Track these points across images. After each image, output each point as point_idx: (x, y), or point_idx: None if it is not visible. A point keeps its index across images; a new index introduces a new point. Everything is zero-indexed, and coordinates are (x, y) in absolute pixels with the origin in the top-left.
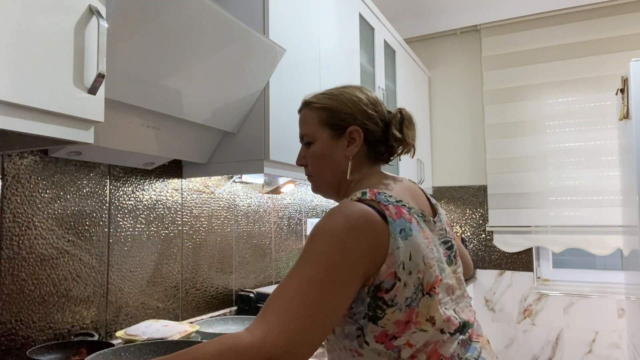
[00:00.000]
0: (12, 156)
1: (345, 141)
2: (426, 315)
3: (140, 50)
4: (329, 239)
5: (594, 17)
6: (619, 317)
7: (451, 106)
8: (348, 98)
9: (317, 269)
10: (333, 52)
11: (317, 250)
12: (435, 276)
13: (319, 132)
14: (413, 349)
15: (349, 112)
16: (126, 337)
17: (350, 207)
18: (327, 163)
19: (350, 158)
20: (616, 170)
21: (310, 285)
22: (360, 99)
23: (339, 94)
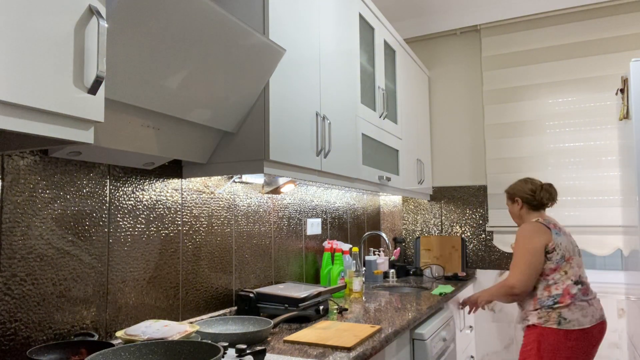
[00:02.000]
0: (12, 156)
1: (516, 204)
2: (564, 269)
3: (140, 50)
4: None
5: (594, 17)
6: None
7: (451, 106)
8: (515, 187)
9: (523, 248)
10: (333, 52)
11: (520, 241)
12: (570, 254)
13: (508, 203)
14: (556, 280)
15: (515, 193)
16: (126, 337)
17: (524, 225)
18: (512, 214)
19: (518, 211)
20: (616, 170)
21: (524, 254)
22: (522, 185)
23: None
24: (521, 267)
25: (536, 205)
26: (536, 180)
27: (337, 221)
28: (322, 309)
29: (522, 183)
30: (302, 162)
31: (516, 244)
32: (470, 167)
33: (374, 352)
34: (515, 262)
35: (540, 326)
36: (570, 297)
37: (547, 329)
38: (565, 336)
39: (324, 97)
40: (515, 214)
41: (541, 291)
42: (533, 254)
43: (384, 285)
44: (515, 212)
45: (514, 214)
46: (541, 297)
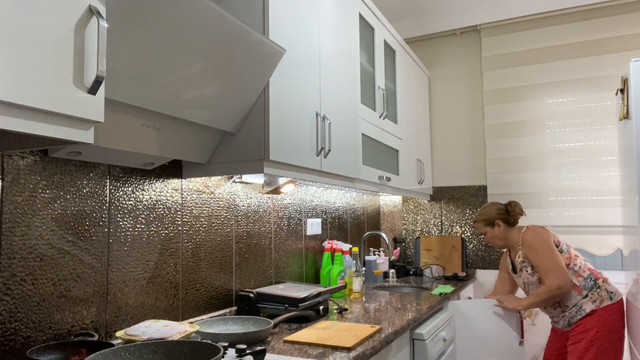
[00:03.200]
0: (12, 156)
1: (496, 227)
2: (573, 254)
3: (140, 50)
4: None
5: (594, 17)
6: None
7: (451, 106)
8: (488, 213)
9: (545, 250)
10: (333, 52)
11: (537, 247)
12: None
13: (485, 229)
14: (578, 265)
15: (492, 218)
16: (126, 337)
17: (529, 231)
18: (493, 239)
19: (500, 233)
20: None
21: (549, 256)
22: (492, 211)
23: (484, 212)
24: (557, 266)
25: (513, 222)
26: (497, 202)
27: (337, 221)
28: (322, 309)
29: (491, 207)
30: (302, 162)
31: (533, 251)
32: (470, 167)
33: (374, 352)
34: (547, 266)
35: (598, 308)
36: (598, 273)
37: (604, 309)
38: (619, 307)
39: (324, 97)
40: (499, 236)
41: (576, 279)
42: (555, 251)
43: (384, 285)
44: (498, 235)
45: (497, 237)
46: (580, 284)
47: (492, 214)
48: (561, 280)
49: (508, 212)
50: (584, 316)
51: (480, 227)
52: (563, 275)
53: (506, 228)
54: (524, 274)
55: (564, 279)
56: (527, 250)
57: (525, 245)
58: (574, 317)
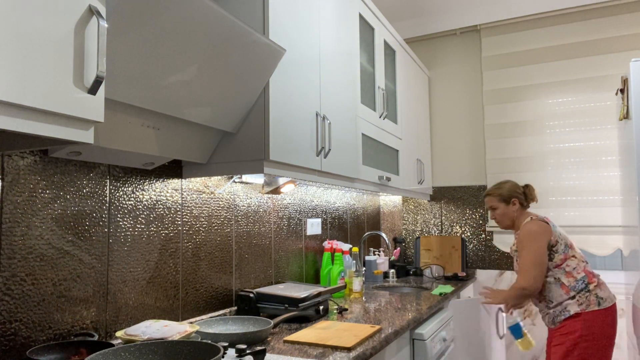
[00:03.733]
0: (12, 156)
1: (510, 205)
2: (572, 254)
3: (140, 50)
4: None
5: (594, 17)
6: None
7: (451, 106)
8: (507, 189)
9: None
10: (333, 52)
11: (526, 243)
12: (569, 240)
13: (498, 205)
14: (573, 266)
15: (509, 194)
16: (126, 337)
17: (529, 224)
18: (503, 217)
19: (514, 212)
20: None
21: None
22: (512, 188)
23: (503, 188)
24: (529, 267)
25: (526, 205)
26: (514, 181)
27: (337, 221)
28: (322, 309)
29: (510, 184)
30: (302, 162)
31: (521, 245)
32: (470, 167)
33: (374, 352)
34: (522, 263)
35: (584, 312)
36: (594, 276)
37: (590, 313)
38: (605, 314)
39: (324, 97)
40: (510, 215)
41: (566, 279)
42: (539, 253)
43: (384, 285)
44: (510, 214)
45: (507, 216)
46: (569, 284)
47: (511, 191)
48: (526, 281)
49: (525, 194)
50: (568, 317)
51: (493, 201)
52: (531, 278)
53: (519, 209)
54: (515, 262)
55: (531, 282)
56: (518, 242)
57: (518, 237)
58: (558, 316)
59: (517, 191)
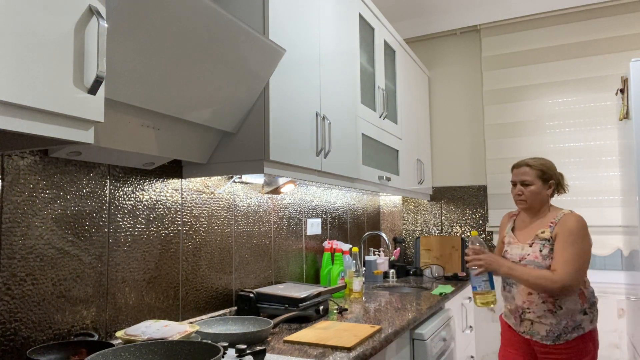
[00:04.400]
0: (12, 156)
1: (547, 186)
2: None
3: (140, 50)
4: (579, 232)
5: (594, 17)
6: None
7: (451, 106)
8: (550, 166)
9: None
10: (333, 52)
11: (575, 239)
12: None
13: (535, 182)
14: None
15: (551, 173)
16: (126, 337)
17: (578, 217)
18: (536, 197)
19: (548, 194)
20: (616, 170)
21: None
22: (554, 167)
23: (547, 162)
24: (579, 267)
25: (553, 194)
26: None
27: (337, 221)
28: (322, 309)
29: (553, 165)
30: (302, 162)
31: (571, 236)
32: (470, 167)
33: (374, 352)
34: (570, 258)
35: (594, 330)
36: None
37: (593, 331)
38: (596, 333)
39: (324, 97)
40: (542, 197)
41: (585, 288)
42: (589, 253)
43: (384, 285)
44: (542, 196)
45: (539, 197)
46: (587, 295)
47: (554, 172)
48: (571, 280)
49: (561, 182)
50: (580, 335)
51: (531, 176)
52: (573, 273)
53: (550, 194)
54: (535, 250)
55: (575, 281)
56: (565, 231)
57: (565, 226)
58: (567, 332)
59: (557, 175)
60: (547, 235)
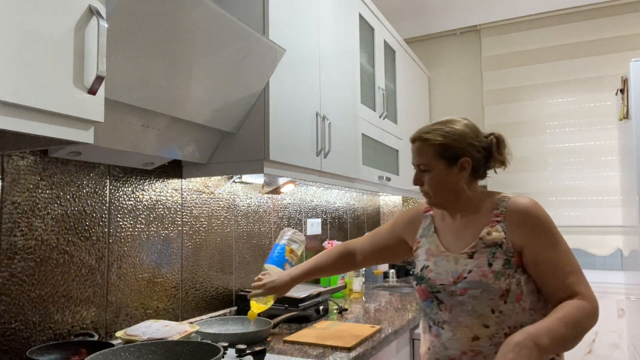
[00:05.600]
0: (12, 156)
1: (457, 169)
2: None
3: (140, 50)
4: (550, 219)
5: (594, 17)
6: (619, 317)
7: (451, 106)
8: (458, 133)
9: (564, 240)
10: (333, 52)
11: (555, 231)
12: None
13: (434, 164)
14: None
15: (460, 147)
16: (126, 337)
17: (531, 199)
18: (443, 187)
19: (462, 182)
20: (616, 170)
21: (571, 251)
22: (466, 133)
23: (450, 130)
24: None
25: (484, 171)
26: (469, 121)
27: (337, 221)
28: (322, 309)
29: (460, 127)
30: (302, 162)
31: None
32: None
33: (374, 352)
34: (573, 263)
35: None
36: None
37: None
38: None
39: (324, 97)
40: (450, 187)
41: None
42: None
43: (384, 285)
44: (451, 184)
45: (441, 186)
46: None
47: (468, 140)
48: (591, 293)
49: (489, 150)
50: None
51: (427, 155)
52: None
53: (470, 177)
54: (480, 263)
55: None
56: (533, 226)
57: (525, 217)
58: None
59: (472, 143)
60: (497, 238)
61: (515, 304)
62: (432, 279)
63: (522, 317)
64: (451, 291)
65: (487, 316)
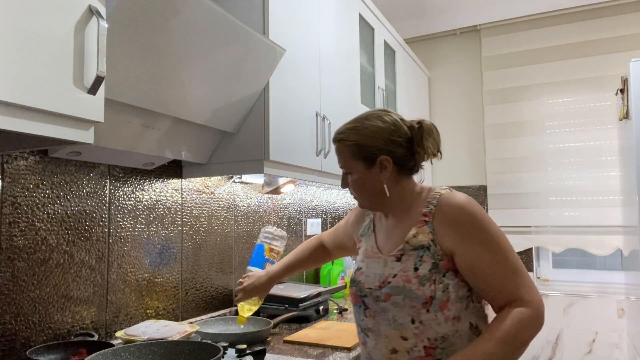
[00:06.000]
0: (12, 156)
1: (377, 169)
2: None
3: (140, 50)
4: (486, 218)
5: (594, 17)
6: (619, 317)
7: (451, 106)
8: (372, 130)
9: (504, 239)
10: (333, 52)
11: (492, 229)
12: None
13: (353, 165)
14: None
15: (375, 145)
16: (126, 337)
17: (466, 196)
18: (366, 189)
19: (385, 182)
20: (616, 170)
21: (512, 250)
22: (382, 128)
23: (363, 128)
24: (525, 272)
25: (414, 165)
26: (389, 112)
27: (337, 221)
28: (322, 309)
29: (380, 124)
30: (302, 162)
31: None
32: (470, 167)
33: None
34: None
35: None
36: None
37: None
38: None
39: (324, 97)
40: (378, 190)
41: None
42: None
43: None
44: (376, 186)
45: (367, 190)
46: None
47: (384, 137)
48: (540, 300)
49: (410, 141)
50: None
51: (345, 157)
52: (537, 292)
53: (397, 174)
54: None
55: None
56: (466, 227)
57: (458, 218)
58: None
59: (391, 139)
60: (424, 240)
61: (438, 312)
62: (362, 282)
63: (444, 327)
64: (376, 296)
65: (406, 327)
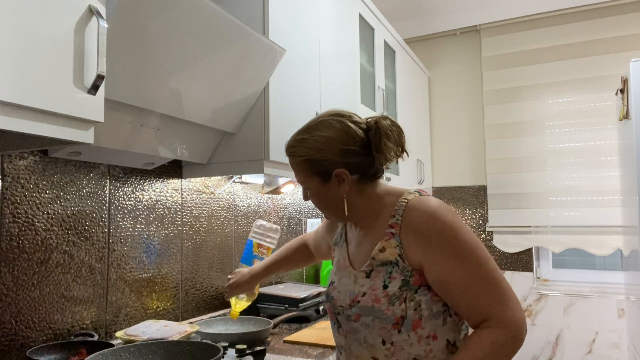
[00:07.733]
0: (12, 156)
1: (335, 183)
2: None
3: (140, 50)
4: (458, 225)
5: (594, 17)
6: (618, 317)
7: (451, 106)
8: (322, 142)
9: (479, 249)
10: (333, 52)
11: (464, 237)
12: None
13: (309, 181)
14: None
15: (328, 158)
16: (126, 337)
17: (436, 201)
18: (326, 203)
19: (344, 195)
20: (616, 170)
21: (489, 261)
22: (332, 139)
23: (312, 141)
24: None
25: (374, 173)
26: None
27: None
28: (322, 309)
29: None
30: None
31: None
32: (470, 167)
33: None
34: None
35: None
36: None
37: None
38: None
39: (324, 97)
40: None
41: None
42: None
43: None
44: (335, 199)
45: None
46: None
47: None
48: (520, 314)
49: (367, 146)
50: None
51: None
52: (520, 306)
53: (359, 183)
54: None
55: (522, 312)
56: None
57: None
58: None
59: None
60: (390, 256)
61: (410, 332)
62: (335, 299)
63: (417, 348)
64: (347, 315)
65: (377, 348)
